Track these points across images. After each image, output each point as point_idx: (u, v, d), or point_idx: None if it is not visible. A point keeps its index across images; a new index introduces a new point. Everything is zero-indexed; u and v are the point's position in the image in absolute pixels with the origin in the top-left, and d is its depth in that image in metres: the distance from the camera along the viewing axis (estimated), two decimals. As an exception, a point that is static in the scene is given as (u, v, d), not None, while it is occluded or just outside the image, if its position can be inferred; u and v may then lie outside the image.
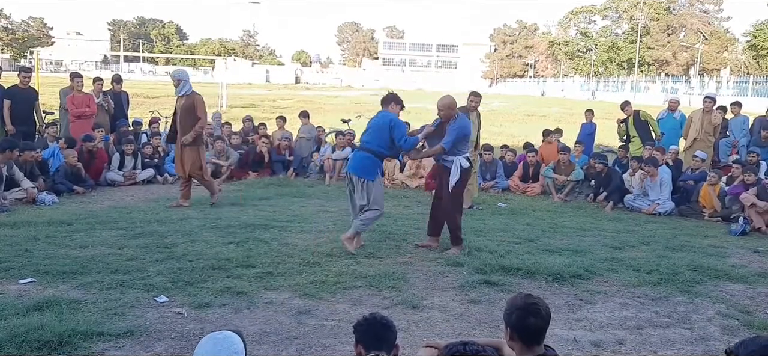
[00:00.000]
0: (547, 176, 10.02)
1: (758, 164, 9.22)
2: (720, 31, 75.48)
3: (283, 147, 11.19)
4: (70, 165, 8.80)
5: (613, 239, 7.04)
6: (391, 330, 2.65)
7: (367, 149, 6.15)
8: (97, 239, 6.24)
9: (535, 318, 2.52)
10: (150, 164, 10.08)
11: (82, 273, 5.14)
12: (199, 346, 2.31)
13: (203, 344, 2.30)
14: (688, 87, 54.44)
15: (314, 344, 4.01)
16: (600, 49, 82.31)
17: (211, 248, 6.04)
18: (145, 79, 67.07)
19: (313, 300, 4.77)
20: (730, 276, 5.73)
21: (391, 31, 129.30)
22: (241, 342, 2.34)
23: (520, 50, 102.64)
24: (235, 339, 2.33)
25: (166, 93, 36.33)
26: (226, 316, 4.39)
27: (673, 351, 4.13)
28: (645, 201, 9.04)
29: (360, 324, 2.66)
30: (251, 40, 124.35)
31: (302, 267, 5.53)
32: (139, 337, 4.00)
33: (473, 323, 4.45)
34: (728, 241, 7.35)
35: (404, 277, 5.36)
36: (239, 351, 2.31)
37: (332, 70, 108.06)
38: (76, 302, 4.48)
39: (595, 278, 5.51)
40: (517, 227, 7.55)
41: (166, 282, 4.99)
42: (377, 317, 2.67)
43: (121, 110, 11.32)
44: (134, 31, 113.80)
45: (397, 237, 6.77)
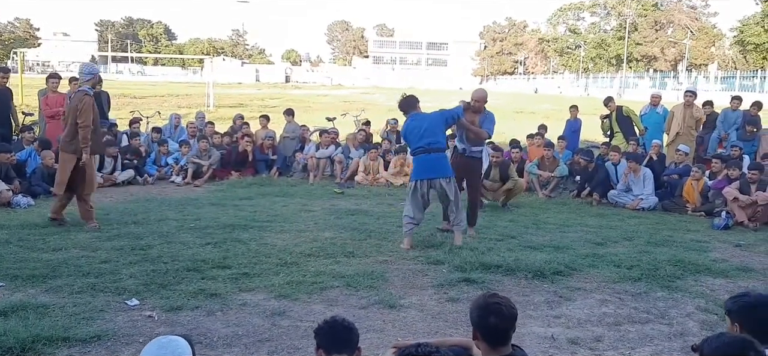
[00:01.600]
0: (532, 172, 9.98)
1: (741, 158, 9.21)
2: (707, 26, 75.89)
3: (267, 146, 11.10)
4: (46, 167, 8.66)
5: (595, 235, 7.00)
6: (353, 333, 2.58)
7: (436, 149, 6.29)
8: (71, 242, 6.12)
9: (495, 317, 2.46)
10: (129, 165, 9.94)
11: (53, 276, 5.04)
12: (143, 351, 2.23)
13: (147, 349, 2.22)
14: (677, 82, 54.67)
15: (286, 346, 3.93)
16: (589, 45, 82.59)
17: (187, 249, 5.95)
18: (133, 79, 66.69)
19: (289, 300, 4.69)
20: (711, 271, 5.70)
21: (381, 30, 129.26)
22: (187, 346, 2.25)
23: (510, 47, 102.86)
24: (180, 342, 2.24)
25: (154, 94, 36.17)
26: (198, 319, 4.31)
27: (650, 347, 4.08)
28: (628, 196, 9.02)
29: (321, 328, 2.59)
30: (241, 39, 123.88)
31: (279, 267, 5.45)
32: (107, 342, 3.91)
33: (450, 322, 4.38)
34: (711, 235, 7.33)
35: (383, 276, 5.29)
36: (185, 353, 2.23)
37: (322, 68, 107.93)
38: (44, 306, 4.37)
39: (575, 274, 5.46)
40: (499, 224, 7.50)
41: (138, 285, 4.89)
42: (338, 320, 2.60)
43: (100, 111, 11.11)
44: (122, 32, 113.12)
45: (378, 236, 6.70)
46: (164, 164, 10.68)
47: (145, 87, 44.88)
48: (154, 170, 10.44)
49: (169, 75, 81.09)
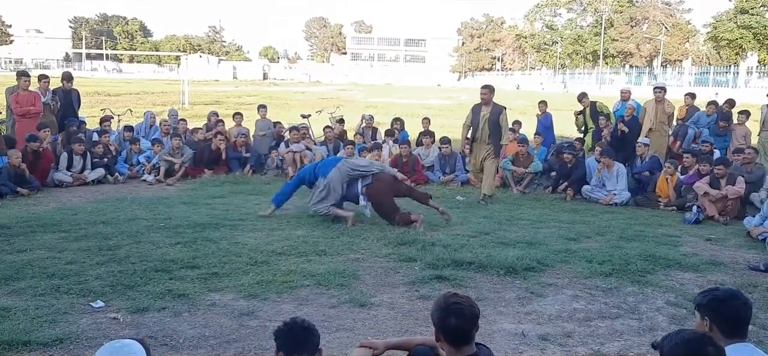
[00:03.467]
0: (506, 168, 9.99)
1: (712, 154, 9.32)
2: (682, 23, 76.92)
3: (240, 143, 10.97)
4: (13, 166, 8.46)
5: (568, 231, 7.03)
6: (313, 334, 2.53)
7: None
8: (37, 243, 5.99)
9: (456, 318, 2.43)
10: (100, 163, 9.76)
11: (16, 278, 4.92)
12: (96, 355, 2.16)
13: (100, 353, 2.15)
14: (652, 78, 55.34)
15: (254, 346, 3.87)
16: (565, 41, 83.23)
17: (156, 249, 5.84)
18: (109, 77, 65.70)
19: (258, 300, 4.62)
20: (682, 265, 5.75)
21: (359, 26, 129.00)
22: (142, 350, 2.19)
23: (488, 44, 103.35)
24: (134, 347, 2.18)
25: (129, 91, 35.67)
26: (164, 320, 4.23)
27: (620, 342, 4.10)
28: (602, 191, 9.07)
29: (280, 331, 2.53)
30: (217, 36, 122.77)
31: (249, 266, 5.38)
32: (69, 345, 3.82)
33: (421, 320, 4.35)
34: (682, 230, 7.40)
35: (354, 274, 5.25)
36: None
37: (300, 65, 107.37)
38: (5, 309, 4.26)
39: (547, 270, 5.47)
40: (473, 221, 7.49)
41: (104, 286, 4.80)
42: (297, 322, 2.55)
43: (71, 109, 10.94)
44: (97, 29, 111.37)
45: (351, 233, 6.65)
46: (136, 162, 10.51)
47: (120, 85, 44.25)
48: (125, 168, 10.27)
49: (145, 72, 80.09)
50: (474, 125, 8.66)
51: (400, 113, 21.37)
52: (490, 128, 8.47)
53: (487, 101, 8.49)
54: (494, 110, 8.45)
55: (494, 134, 8.46)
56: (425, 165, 10.70)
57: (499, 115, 8.43)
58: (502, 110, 8.49)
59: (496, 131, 8.45)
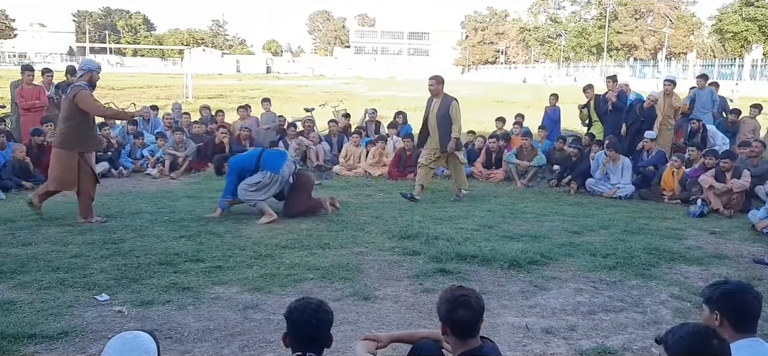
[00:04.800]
0: (510, 161, 9.98)
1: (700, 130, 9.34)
2: (686, 15, 76.50)
3: (243, 137, 10.97)
4: (17, 160, 8.48)
5: (572, 224, 7.02)
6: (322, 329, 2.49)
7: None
8: (41, 237, 6.01)
9: (464, 310, 2.42)
10: (104, 157, 9.77)
11: (21, 271, 4.94)
12: (106, 347, 2.17)
13: (111, 344, 2.16)
14: (656, 71, 55.12)
15: (258, 340, 3.88)
16: (570, 34, 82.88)
17: (160, 242, 5.86)
18: (112, 71, 65.69)
19: (262, 293, 4.63)
20: (686, 258, 5.74)
21: (362, 19, 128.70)
22: (152, 342, 2.20)
23: (491, 37, 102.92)
24: (145, 338, 2.19)
25: (133, 85, 35.68)
26: (169, 313, 4.24)
27: (624, 335, 4.09)
28: (606, 185, 9.05)
29: (292, 316, 2.49)
30: (221, 30, 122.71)
31: (253, 259, 5.39)
32: (74, 338, 3.83)
33: (424, 313, 4.36)
34: (686, 223, 7.38)
35: (358, 268, 5.25)
36: (151, 350, 2.18)
37: (304, 59, 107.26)
38: (10, 302, 4.28)
39: (551, 263, 5.46)
40: (477, 214, 7.49)
41: (109, 280, 4.82)
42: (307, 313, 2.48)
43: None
44: (100, 22, 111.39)
45: (355, 227, 6.65)
46: (140, 156, 10.52)
47: (124, 78, 44.23)
48: (129, 162, 10.28)
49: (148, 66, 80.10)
50: (425, 117, 8.30)
51: (403, 106, 21.32)
52: (439, 120, 8.04)
53: (436, 92, 8.12)
54: (444, 101, 8.03)
55: (443, 126, 8.01)
56: (429, 159, 10.67)
57: (449, 107, 7.99)
58: (451, 101, 8.02)
59: (446, 124, 8.01)
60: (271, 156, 7.14)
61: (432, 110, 8.10)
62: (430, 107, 8.17)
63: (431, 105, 8.16)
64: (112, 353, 2.14)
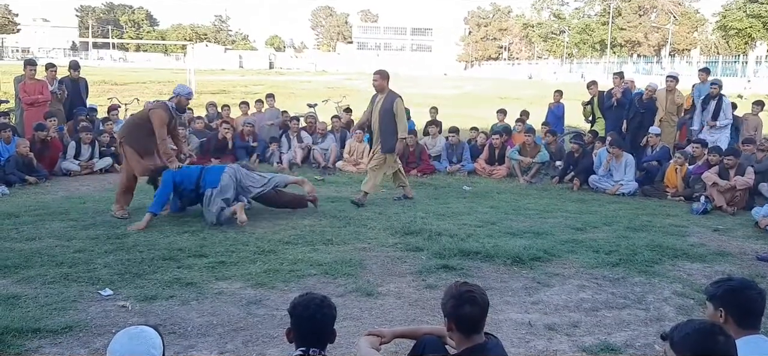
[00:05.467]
0: (513, 158, 9.98)
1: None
2: (690, 11, 76.27)
3: (247, 133, 10.98)
4: (21, 155, 8.50)
5: (575, 221, 7.01)
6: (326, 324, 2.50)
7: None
8: (46, 231, 6.03)
9: (470, 306, 2.43)
10: (107, 152, 9.80)
11: (25, 266, 4.96)
12: (113, 342, 2.17)
13: (118, 339, 2.17)
14: (660, 68, 54.98)
15: (261, 335, 3.89)
16: (573, 31, 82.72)
17: (164, 238, 5.88)
18: (115, 66, 65.80)
19: (265, 289, 4.64)
20: (689, 255, 5.73)
21: (365, 15, 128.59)
22: (158, 336, 2.21)
23: (495, 33, 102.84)
24: (151, 333, 2.20)
25: (136, 80, 35.71)
26: (172, 308, 4.25)
27: (627, 332, 4.09)
28: (609, 181, 9.04)
29: (296, 311, 2.50)
30: (223, 25, 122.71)
31: (257, 255, 5.40)
32: (79, 333, 3.85)
33: (427, 309, 4.36)
34: (689, 220, 7.37)
35: (361, 263, 5.26)
36: (157, 345, 2.18)
37: (306, 55, 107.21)
38: (15, 297, 4.30)
39: (554, 260, 5.46)
40: (480, 210, 7.48)
41: (112, 275, 4.83)
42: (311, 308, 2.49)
43: (78, 98, 10.99)
44: (103, 17, 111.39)
45: (358, 223, 6.66)
46: (143, 151, 10.52)
47: (127, 74, 44.28)
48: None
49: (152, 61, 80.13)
50: (368, 114, 7.81)
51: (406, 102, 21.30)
52: (381, 118, 7.52)
53: (380, 88, 7.61)
54: (388, 98, 7.52)
55: (386, 124, 7.49)
56: (432, 155, 10.68)
57: (393, 104, 7.47)
58: (395, 98, 7.50)
59: (389, 122, 7.48)
60: (210, 173, 6.66)
61: (375, 107, 7.62)
62: (373, 104, 7.70)
63: (375, 102, 7.68)
64: (119, 348, 2.14)
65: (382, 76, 7.62)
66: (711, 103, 10.00)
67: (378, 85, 7.61)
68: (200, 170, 6.68)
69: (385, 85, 7.59)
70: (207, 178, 6.54)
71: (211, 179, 6.52)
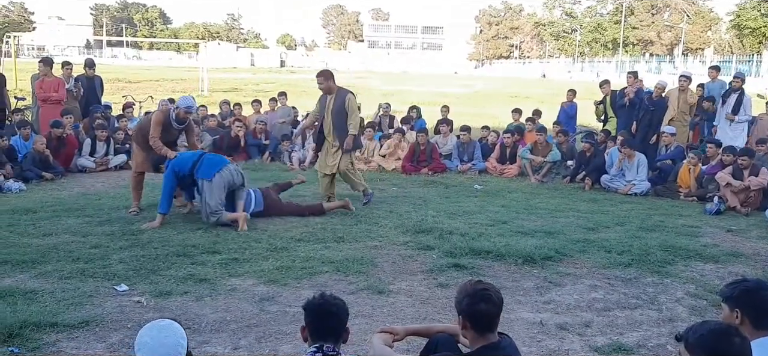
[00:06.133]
0: (524, 157, 9.96)
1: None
2: (704, 10, 75.64)
3: (259, 131, 11.04)
4: (37, 152, 8.61)
5: (587, 220, 7.00)
6: (340, 319, 2.54)
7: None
8: (62, 227, 6.11)
9: (485, 304, 2.44)
10: (122, 149, 9.89)
11: (43, 261, 5.03)
12: (142, 334, 2.23)
13: (147, 331, 2.23)
14: (673, 67, 54.56)
15: (274, 332, 3.93)
16: (585, 29, 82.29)
17: (177, 234, 5.94)
18: (129, 64, 66.26)
19: (278, 286, 4.69)
20: (702, 256, 5.71)
21: (376, 13, 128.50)
22: (182, 330, 2.28)
23: (506, 31, 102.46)
24: (178, 326, 2.28)
25: (149, 78, 35.94)
26: (186, 304, 4.30)
27: (639, 332, 4.09)
28: (621, 181, 9.01)
29: (310, 307, 2.54)
30: (235, 23, 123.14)
31: (269, 252, 5.45)
32: (95, 327, 3.91)
33: (439, 307, 4.39)
34: (703, 220, 7.33)
35: (373, 261, 5.28)
36: (184, 337, 2.26)
37: (317, 53, 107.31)
38: (33, 292, 4.37)
39: (565, 259, 5.46)
40: (491, 209, 7.49)
41: (128, 270, 4.89)
42: (326, 304, 2.54)
43: (94, 95, 11.10)
44: (117, 16, 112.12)
45: (369, 221, 6.69)
46: (157, 149, 10.61)
47: (140, 71, 44.57)
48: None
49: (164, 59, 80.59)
50: (320, 117, 7.46)
51: (417, 100, 21.34)
52: (334, 118, 7.22)
53: (327, 89, 7.29)
54: (338, 97, 7.23)
55: (339, 122, 7.22)
56: (443, 153, 10.69)
57: (344, 101, 7.19)
58: (346, 95, 7.24)
59: (342, 120, 7.23)
60: (208, 160, 6.50)
61: (327, 109, 7.28)
62: (324, 106, 7.35)
63: (325, 103, 7.33)
64: (150, 340, 2.20)
65: (325, 78, 7.28)
66: (731, 96, 9.92)
67: (324, 88, 7.30)
68: (198, 156, 6.55)
69: (331, 85, 7.28)
70: (202, 167, 6.37)
71: (205, 170, 6.33)
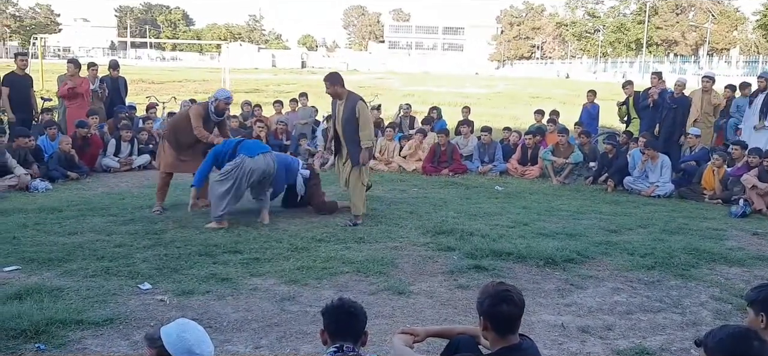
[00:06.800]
0: (546, 158, 9.89)
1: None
2: (730, 10, 74.45)
3: (280, 131, 11.11)
4: (63, 151, 8.76)
5: (609, 222, 6.93)
6: (359, 318, 2.56)
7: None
8: (87, 226, 6.21)
9: (507, 305, 2.43)
10: (145, 149, 10.03)
11: (68, 260, 5.11)
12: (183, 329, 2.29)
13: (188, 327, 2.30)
14: (697, 67, 53.78)
15: (295, 331, 3.96)
16: (607, 29, 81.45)
17: (200, 234, 6.01)
18: (152, 65, 67.09)
19: (299, 286, 4.71)
20: (727, 259, 5.62)
21: (397, 14, 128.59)
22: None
23: (528, 32, 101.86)
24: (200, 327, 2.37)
25: (172, 79, 36.36)
26: (208, 303, 4.35)
27: (662, 336, 4.04)
28: (644, 183, 8.90)
29: (328, 310, 2.57)
30: (257, 24, 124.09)
31: (290, 252, 5.48)
32: (119, 325, 3.96)
33: (459, 309, 4.38)
34: (728, 223, 7.22)
35: (393, 262, 5.29)
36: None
37: (338, 54, 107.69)
38: (58, 289, 4.44)
39: (587, 262, 5.42)
40: (512, 211, 7.45)
41: (151, 269, 4.95)
42: (345, 305, 2.58)
43: (118, 96, 11.27)
44: (141, 17, 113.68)
45: (389, 222, 6.69)
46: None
47: (164, 72, 45.09)
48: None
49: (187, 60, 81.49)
50: (333, 124, 6.94)
51: (438, 101, 21.33)
52: (344, 126, 6.61)
53: (335, 94, 6.66)
54: (348, 103, 6.58)
55: (348, 132, 6.60)
56: (464, 154, 10.66)
57: (354, 108, 6.53)
58: (357, 101, 6.57)
59: (351, 130, 6.57)
60: (253, 143, 6.83)
61: (337, 117, 6.72)
62: (334, 113, 6.82)
63: (336, 109, 6.77)
64: (191, 336, 2.26)
65: (331, 82, 6.61)
66: (759, 97, 9.56)
67: (331, 93, 6.69)
68: (241, 140, 6.82)
69: (339, 90, 6.64)
70: (246, 146, 6.59)
71: (249, 148, 6.53)
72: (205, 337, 2.31)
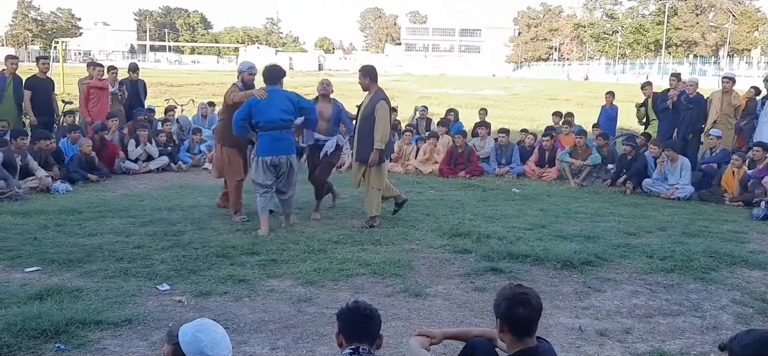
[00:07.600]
0: (563, 160, 9.82)
1: None
2: (750, 10, 73.36)
3: (296, 133, 11.12)
4: (83, 154, 8.88)
5: (628, 225, 6.87)
6: (374, 321, 2.57)
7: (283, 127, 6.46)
8: (106, 227, 6.28)
9: (524, 308, 2.42)
10: (164, 151, 10.12)
11: (88, 261, 5.17)
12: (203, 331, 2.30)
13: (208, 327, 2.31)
14: (717, 68, 53.09)
15: (311, 332, 3.96)
16: (626, 31, 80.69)
17: (217, 235, 6.04)
18: (171, 68, 67.77)
19: (316, 287, 4.72)
20: (748, 262, 5.54)
21: (413, 16, 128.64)
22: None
23: (545, 33, 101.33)
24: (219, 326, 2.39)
25: (191, 82, 36.68)
26: (226, 304, 4.37)
27: (681, 340, 3.99)
28: (664, 185, 8.81)
29: (343, 312, 2.58)
30: (275, 27, 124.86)
31: (307, 254, 5.49)
32: (137, 326, 4.00)
33: (476, 311, 4.36)
34: (749, 226, 7.11)
35: (409, 264, 5.28)
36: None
37: (355, 56, 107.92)
38: (78, 290, 4.49)
39: (605, 265, 5.37)
40: (529, 213, 7.41)
41: (169, 270, 4.99)
42: (360, 305, 2.58)
43: (137, 99, 11.39)
44: (160, 21, 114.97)
45: (406, 223, 6.69)
46: (197, 151, 10.83)
47: (182, 75, 45.54)
48: (187, 157, 10.60)
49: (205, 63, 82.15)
50: (356, 116, 6.96)
51: (454, 103, 21.28)
52: (362, 121, 6.53)
53: (365, 86, 6.59)
54: (372, 99, 6.46)
55: (365, 129, 6.48)
56: (481, 156, 10.63)
57: (375, 106, 6.40)
58: (379, 101, 6.40)
59: (368, 127, 6.44)
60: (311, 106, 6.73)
61: (361, 109, 6.70)
62: (361, 106, 6.80)
63: (363, 103, 6.74)
64: (212, 337, 2.28)
65: (364, 74, 6.60)
66: None
67: (362, 85, 6.64)
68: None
69: (368, 83, 6.55)
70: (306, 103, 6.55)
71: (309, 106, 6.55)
72: (222, 339, 2.30)
